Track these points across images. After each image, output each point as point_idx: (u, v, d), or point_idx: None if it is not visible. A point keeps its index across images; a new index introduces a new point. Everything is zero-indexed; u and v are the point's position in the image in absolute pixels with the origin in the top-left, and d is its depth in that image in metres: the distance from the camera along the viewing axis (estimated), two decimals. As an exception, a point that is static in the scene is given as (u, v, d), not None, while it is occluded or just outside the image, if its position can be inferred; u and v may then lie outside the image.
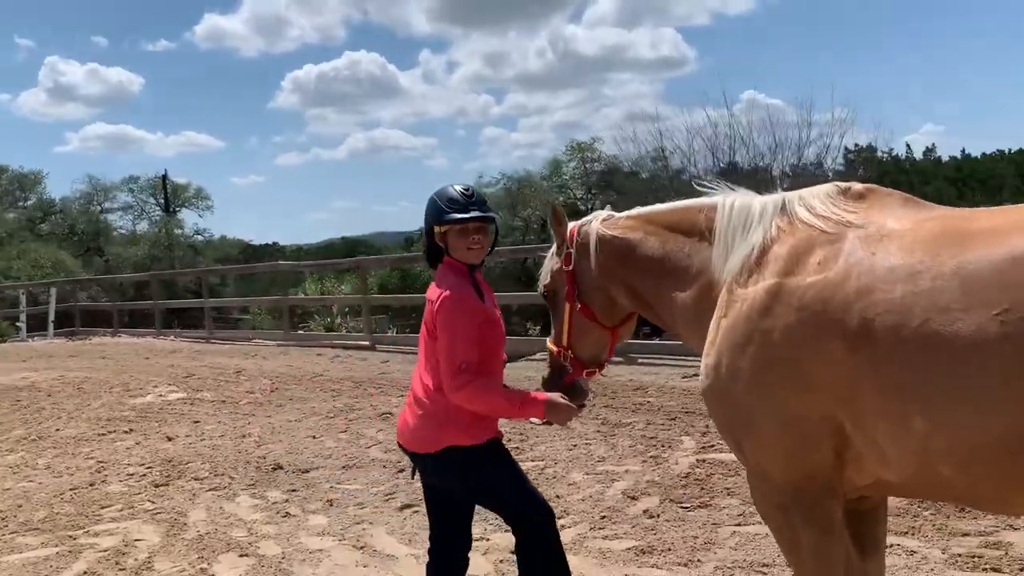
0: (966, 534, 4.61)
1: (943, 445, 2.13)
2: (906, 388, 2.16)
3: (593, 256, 3.14)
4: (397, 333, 19.66)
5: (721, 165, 30.51)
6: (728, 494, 5.66)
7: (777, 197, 2.71)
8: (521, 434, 7.70)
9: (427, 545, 3.67)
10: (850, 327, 2.25)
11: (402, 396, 10.20)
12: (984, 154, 35.62)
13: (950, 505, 5.03)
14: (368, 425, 8.73)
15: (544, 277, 3.36)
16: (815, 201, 2.56)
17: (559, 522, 5.21)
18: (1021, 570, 4.13)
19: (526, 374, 10.83)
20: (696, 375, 3.14)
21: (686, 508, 5.46)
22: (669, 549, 4.79)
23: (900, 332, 2.15)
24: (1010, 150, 34.96)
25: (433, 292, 3.30)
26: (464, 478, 3.33)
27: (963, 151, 38.29)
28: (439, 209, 3.29)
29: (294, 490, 6.58)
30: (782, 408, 2.41)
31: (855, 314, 2.25)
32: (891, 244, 2.28)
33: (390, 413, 9.14)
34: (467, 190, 3.31)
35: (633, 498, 5.75)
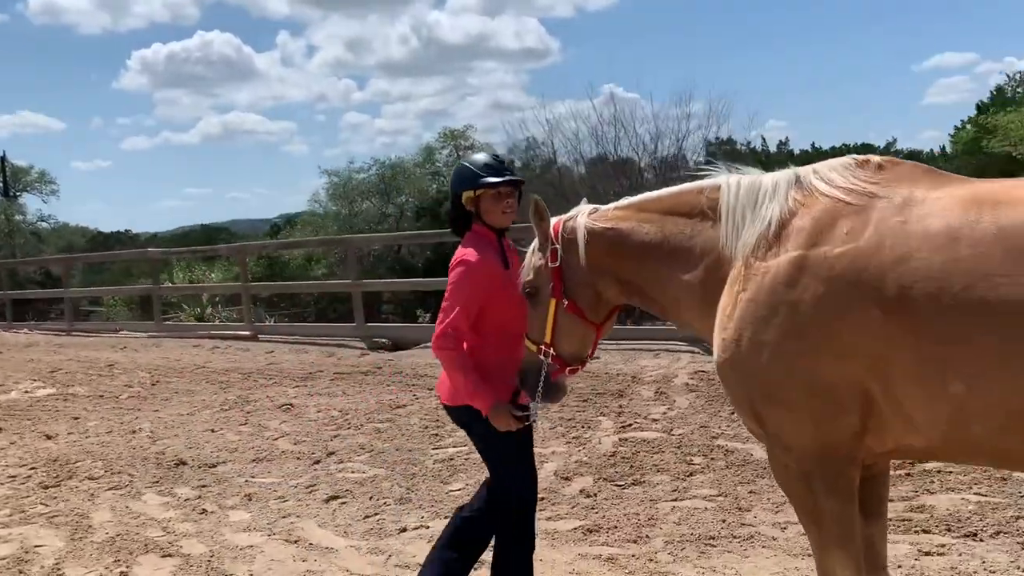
0: (889, 500, 4.86)
1: (980, 407, 2.21)
2: (946, 353, 2.22)
3: (582, 250, 3.08)
4: (275, 322, 18.96)
5: (591, 156, 31.10)
6: (657, 470, 5.75)
7: (788, 172, 2.74)
8: (437, 420, 7.58)
9: (363, 534, 3.72)
10: (887, 294, 2.29)
11: (298, 387, 9.84)
12: (833, 147, 37.99)
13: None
14: (269, 417, 8.36)
15: (526, 274, 3.24)
16: (833, 174, 2.59)
17: None
18: (948, 529, 4.39)
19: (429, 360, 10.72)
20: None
21: (620, 486, 5.52)
22: (615, 527, 4.82)
23: (941, 298, 2.21)
24: (854, 144, 37.63)
25: (456, 255, 3.44)
26: (469, 434, 3.57)
27: (813, 144, 40.67)
28: (472, 174, 3.39)
29: (204, 485, 6.21)
30: (811, 377, 2.43)
31: (892, 282, 2.29)
32: (923, 212, 2.34)
33: (290, 405, 8.80)
34: (497, 156, 3.49)
35: (566, 479, 5.75)
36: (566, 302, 3.12)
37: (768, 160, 21.80)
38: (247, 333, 14.22)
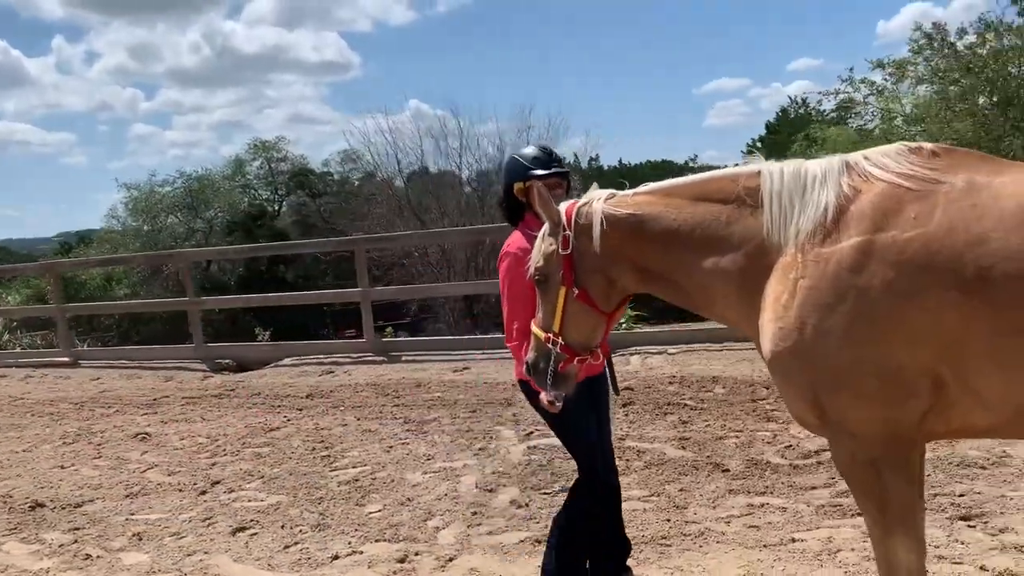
0: (814, 487, 5.10)
1: None
2: None
3: (598, 237, 2.97)
4: (89, 346, 17.27)
5: (410, 169, 30.93)
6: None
7: (835, 159, 2.74)
8: (325, 442, 7.15)
9: (291, 565, 4.04)
10: (965, 276, 2.34)
11: (147, 415, 8.99)
12: (640, 163, 40.29)
13: (789, 463, 5.56)
14: (126, 448, 7.55)
15: (536, 260, 3.12)
16: (887, 159, 2.62)
17: (431, 523, 4.93)
18: (877, 511, 4.64)
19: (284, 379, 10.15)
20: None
21: (549, 494, 5.42)
22: (564, 535, 4.70)
23: (1022, 277, 2.29)
24: (658, 160, 40.24)
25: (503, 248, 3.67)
26: (536, 409, 3.65)
27: (620, 160, 42.94)
28: (522, 166, 3.63)
29: (77, 528, 5.48)
30: (883, 362, 2.44)
31: (969, 263, 2.34)
32: (992, 195, 2.41)
33: (146, 434, 7.99)
34: (546, 148, 3.73)
35: (490, 491, 5.58)
36: (576, 290, 3.01)
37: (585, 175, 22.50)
38: (66, 359, 12.83)
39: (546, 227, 3.12)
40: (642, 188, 3.05)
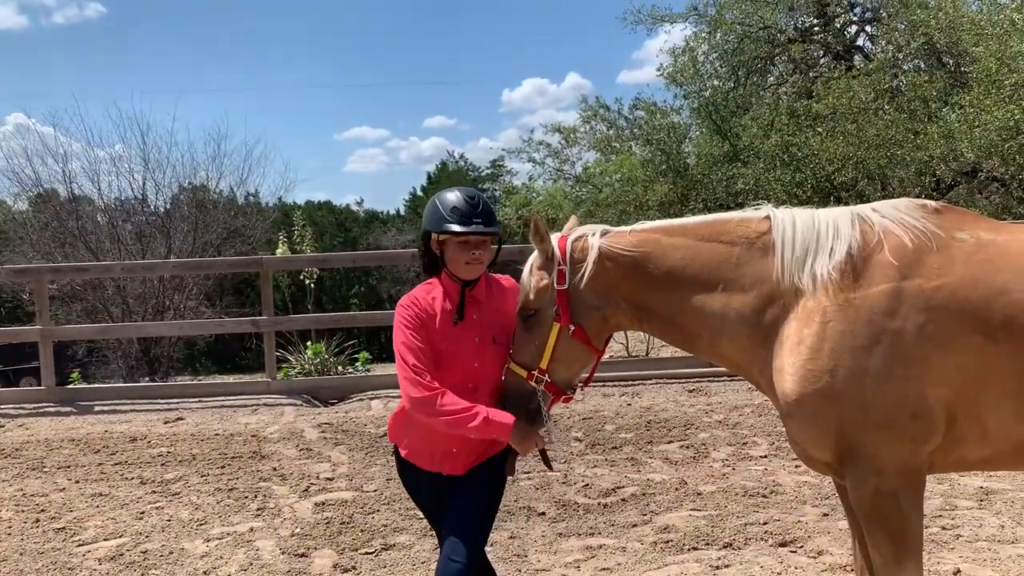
0: (635, 525, 5.25)
1: None
2: None
3: (593, 272, 2.83)
4: None
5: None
6: (392, 531, 5.28)
7: (846, 210, 2.85)
8: (48, 511, 5.84)
9: None
10: (991, 323, 2.56)
11: None
12: (303, 202, 39.62)
13: (596, 502, 5.66)
14: None
15: (525, 295, 2.88)
16: (899, 213, 2.78)
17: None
18: (697, 547, 4.90)
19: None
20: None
21: (371, 553, 4.93)
22: (419, 598, 4.32)
23: None
24: (320, 200, 40.15)
25: None
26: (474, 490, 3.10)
27: (284, 199, 41.83)
28: (439, 216, 2.98)
29: None
30: (915, 402, 2.57)
31: (996, 311, 2.56)
32: (1001, 251, 2.67)
33: None
34: (472, 198, 3.00)
35: (302, 555, 4.93)
36: (572, 327, 2.84)
37: (266, 210, 21.26)
38: None
39: (535, 261, 2.89)
40: (640, 226, 2.96)
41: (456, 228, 2.93)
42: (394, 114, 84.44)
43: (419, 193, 41.81)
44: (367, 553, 4.96)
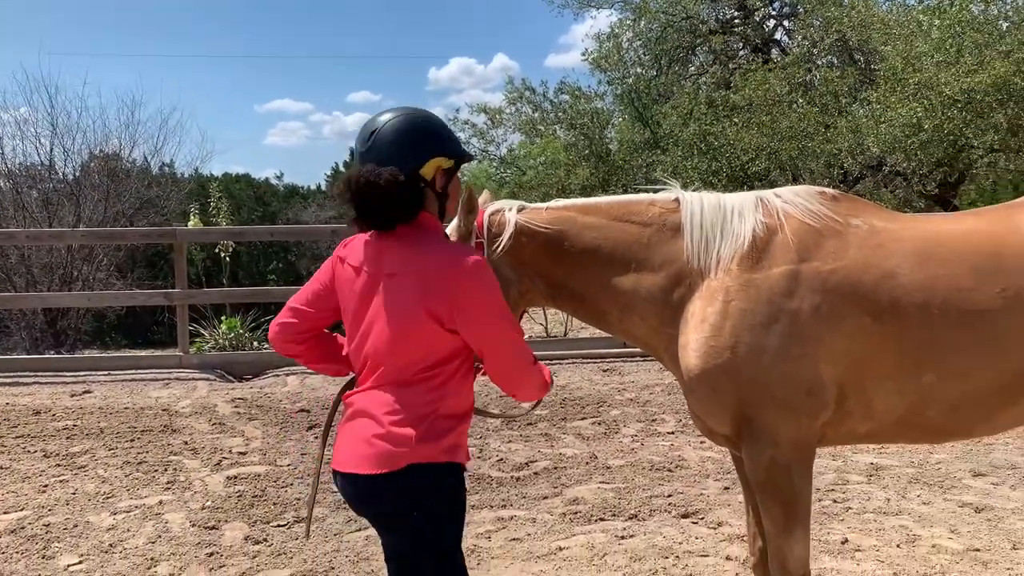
0: (546, 497, 5.39)
1: (943, 394, 2.78)
2: (924, 351, 2.74)
3: (509, 247, 2.89)
4: None
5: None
6: (305, 504, 5.30)
7: (750, 195, 2.97)
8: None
9: None
10: (880, 304, 2.73)
11: None
12: (221, 175, 38.59)
13: (509, 476, 5.78)
14: None
15: None
16: (801, 201, 2.93)
17: (159, 570, 4.29)
18: (603, 518, 5.07)
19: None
20: None
21: (284, 526, 4.95)
22: (331, 568, 4.36)
23: (927, 307, 2.72)
24: (240, 173, 39.19)
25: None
26: (419, 512, 2.40)
27: (200, 171, 40.70)
28: (449, 138, 2.45)
29: None
30: (809, 378, 2.72)
31: (884, 293, 2.73)
32: (892, 237, 2.84)
33: None
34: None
35: (212, 528, 4.91)
36: None
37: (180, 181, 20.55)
38: None
39: (453, 233, 2.93)
40: (556, 203, 3.04)
41: (468, 153, 2.52)
42: (317, 87, 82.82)
43: (341, 169, 41.13)
44: (279, 525, 4.97)
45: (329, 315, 2.55)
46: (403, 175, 2.30)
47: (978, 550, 4.43)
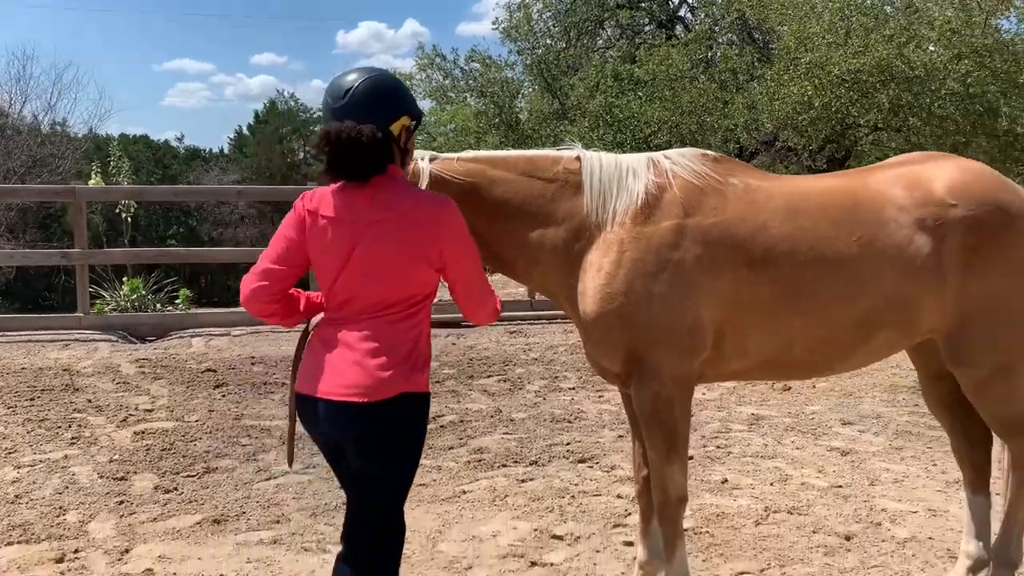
0: (452, 447, 5.64)
1: (808, 334, 3.10)
2: (793, 296, 3.07)
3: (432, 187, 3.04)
4: None
5: None
6: (216, 456, 5.39)
7: (641, 156, 3.23)
8: None
9: None
10: (754, 255, 3.03)
11: None
12: (118, 135, 37.07)
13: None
14: None
15: None
16: (687, 162, 3.20)
17: (69, 517, 4.39)
18: (506, 464, 5.37)
19: None
20: None
21: (194, 476, 5.05)
22: (243, 513, 4.51)
23: (794, 255, 3.04)
24: (138, 134, 37.74)
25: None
26: (393, 441, 2.61)
27: (95, 131, 39.01)
28: (412, 99, 2.70)
29: None
30: (691, 322, 3.02)
31: (758, 245, 3.04)
32: (765, 195, 3.15)
33: None
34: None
35: (121, 479, 4.98)
36: None
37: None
38: None
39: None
40: (466, 155, 3.21)
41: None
42: (219, 47, 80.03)
43: (245, 132, 40.17)
44: (190, 476, 5.07)
45: (299, 270, 2.67)
46: (376, 134, 2.49)
47: (840, 486, 4.91)
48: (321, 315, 2.73)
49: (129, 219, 10.90)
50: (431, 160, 3.15)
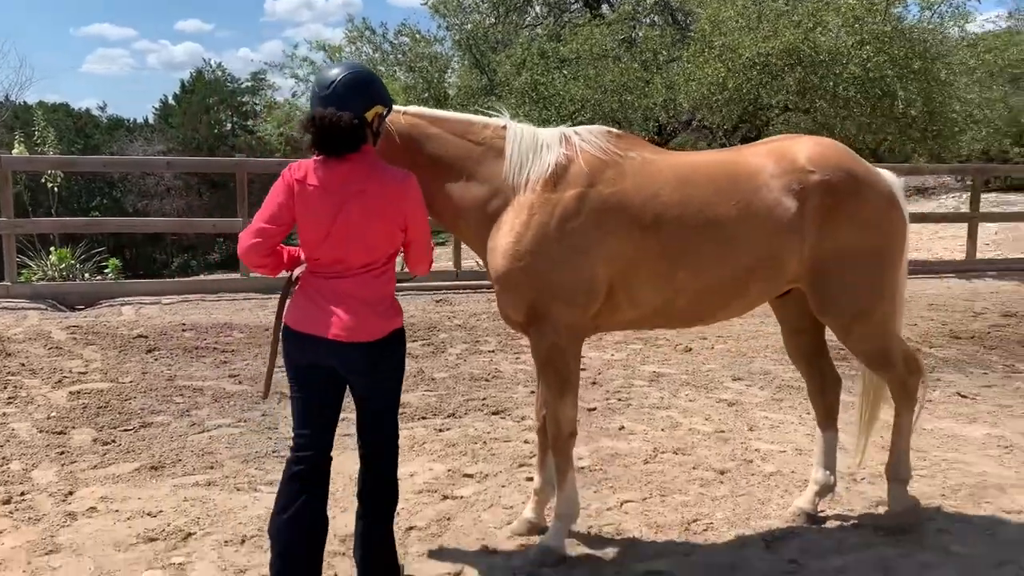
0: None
1: (692, 287, 3.62)
2: (680, 254, 3.57)
3: (380, 143, 3.35)
4: None
5: None
6: (151, 413, 5.71)
7: (556, 131, 3.70)
8: None
9: None
10: (645, 219, 3.52)
11: None
12: (35, 103, 35.94)
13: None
14: None
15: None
16: (592, 137, 3.67)
17: (13, 466, 4.68)
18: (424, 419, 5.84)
19: None
20: None
21: (131, 430, 5.38)
22: (179, 460, 4.87)
23: (682, 219, 3.54)
24: (58, 102, 36.53)
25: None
26: (387, 368, 3.30)
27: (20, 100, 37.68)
28: (385, 91, 3.26)
29: None
30: (588, 278, 3.50)
31: (649, 211, 3.53)
32: (657, 168, 3.64)
33: None
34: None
35: (60, 433, 5.28)
36: None
37: None
38: None
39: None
40: (412, 109, 3.68)
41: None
42: (142, 12, 77.50)
43: (170, 101, 39.36)
44: (126, 430, 5.40)
45: (287, 228, 3.17)
46: (355, 120, 3.04)
47: (723, 431, 5.52)
48: (303, 267, 3.28)
49: (56, 189, 10.93)
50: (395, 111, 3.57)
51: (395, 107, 3.54)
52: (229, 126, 39.20)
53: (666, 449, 5.17)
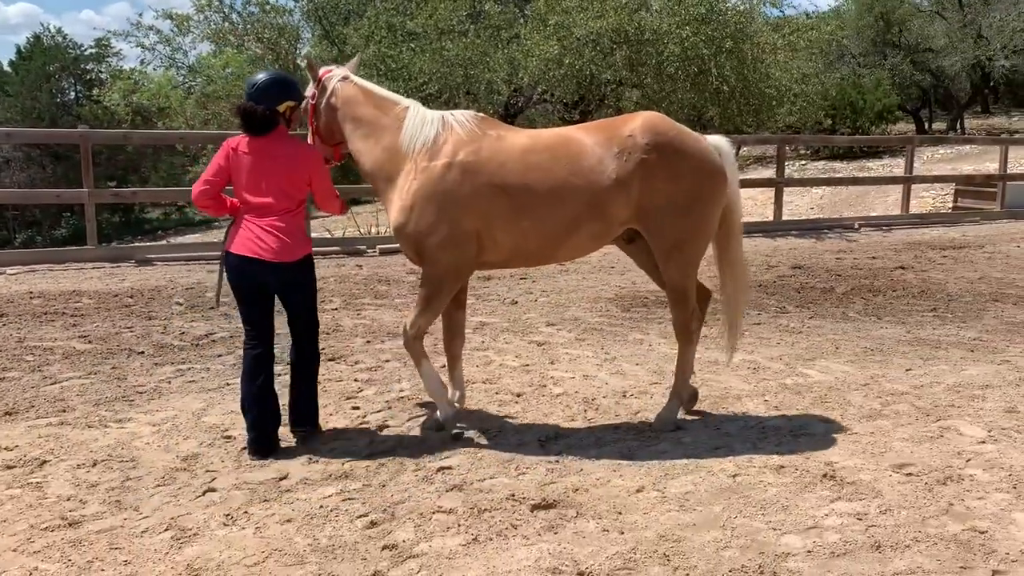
0: (220, 355, 6.67)
1: (536, 232, 4.60)
2: (524, 209, 4.54)
3: (324, 102, 4.89)
4: None
5: None
6: (129, 353, 6.11)
7: (437, 113, 4.71)
8: None
9: None
10: (496, 182, 4.51)
11: None
12: None
13: (190, 344, 6.96)
14: None
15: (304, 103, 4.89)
16: (464, 119, 4.67)
17: None
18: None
19: None
20: None
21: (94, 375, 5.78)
22: (30, 408, 5.35)
23: (525, 181, 4.52)
24: None
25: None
26: (302, 284, 4.78)
27: None
28: (297, 90, 4.66)
29: None
30: (456, 229, 4.51)
31: (499, 176, 4.51)
32: (509, 143, 4.62)
33: None
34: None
35: None
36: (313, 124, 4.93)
37: None
38: None
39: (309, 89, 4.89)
40: (357, 80, 4.81)
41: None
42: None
43: (7, 69, 37.12)
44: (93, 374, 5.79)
45: (223, 182, 4.61)
46: (268, 111, 4.50)
47: (527, 365, 6.47)
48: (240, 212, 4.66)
49: None
50: (341, 79, 4.78)
51: (347, 76, 4.80)
52: (72, 95, 37.42)
53: (477, 380, 6.05)
